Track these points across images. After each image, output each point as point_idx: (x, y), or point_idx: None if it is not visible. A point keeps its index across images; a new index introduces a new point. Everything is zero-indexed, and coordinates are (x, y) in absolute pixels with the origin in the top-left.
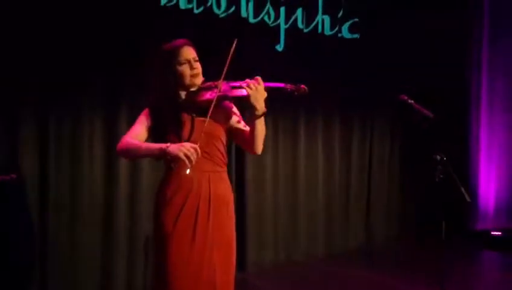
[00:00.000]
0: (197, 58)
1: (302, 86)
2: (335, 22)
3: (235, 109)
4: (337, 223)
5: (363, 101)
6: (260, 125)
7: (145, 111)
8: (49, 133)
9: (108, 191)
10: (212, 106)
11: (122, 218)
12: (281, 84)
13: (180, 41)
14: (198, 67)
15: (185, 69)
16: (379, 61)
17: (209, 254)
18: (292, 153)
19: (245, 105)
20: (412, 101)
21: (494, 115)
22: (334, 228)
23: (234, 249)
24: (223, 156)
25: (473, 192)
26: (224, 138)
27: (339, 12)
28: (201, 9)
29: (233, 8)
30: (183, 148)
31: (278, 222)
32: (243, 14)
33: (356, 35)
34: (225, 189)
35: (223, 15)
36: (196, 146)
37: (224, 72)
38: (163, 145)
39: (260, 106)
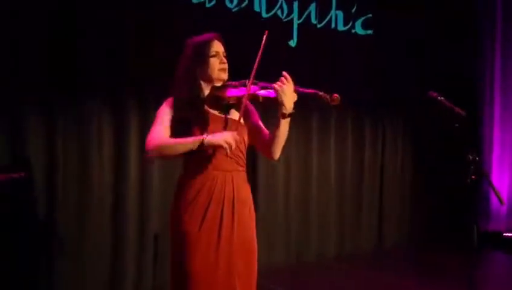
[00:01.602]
0: (225, 54)
1: (335, 94)
2: (348, 18)
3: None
4: (349, 225)
5: (375, 100)
6: (284, 127)
7: (169, 100)
8: (56, 130)
9: (117, 188)
10: (244, 104)
11: (131, 216)
12: (313, 90)
13: (211, 34)
14: (226, 62)
15: (215, 61)
16: (392, 58)
17: (234, 258)
18: (304, 153)
19: (273, 106)
20: (442, 98)
21: (507, 113)
22: (346, 229)
23: (256, 253)
24: (243, 155)
25: (485, 193)
26: (246, 139)
27: (352, 8)
28: (213, 3)
29: (246, 2)
30: (225, 137)
31: (289, 223)
32: (256, 8)
33: (369, 32)
34: (247, 191)
35: (235, 9)
36: (235, 133)
37: (254, 69)
38: (199, 137)
39: (288, 105)
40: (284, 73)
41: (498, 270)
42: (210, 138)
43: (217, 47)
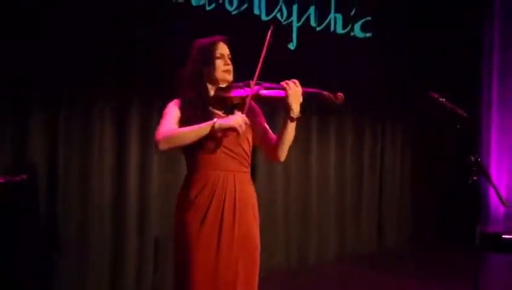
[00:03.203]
0: (230, 56)
1: (339, 93)
2: (347, 21)
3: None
4: (349, 226)
5: (375, 102)
6: (291, 130)
7: (176, 101)
8: (58, 134)
9: (118, 191)
10: (248, 103)
11: (131, 219)
12: (318, 90)
13: (217, 36)
14: (230, 64)
15: (219, 63)
16: (390, 61)
17: (235, 258)
18: (303, 154)
19: (277, 107)
20: (444, 99)
21: (505, 116)
22: (346, 230)
23: (259, 255)
24: (248, 156)
25: (484, 195)
26: (250, 139)
27: (351, 11)
28: (213, 6)
29: (245, 5)
30: (235, 119)
31: (289, 224)
32: (256, 11)
33: (368, 34)
34: (251, 191)
35: (235, 12)
36: (244, 116)
37: (258, 69)
38: (209, 122)
39: (296, 108)
40: (295, 80)
41: (498, 272)
42: (220, 121)
43: (222, 49)
